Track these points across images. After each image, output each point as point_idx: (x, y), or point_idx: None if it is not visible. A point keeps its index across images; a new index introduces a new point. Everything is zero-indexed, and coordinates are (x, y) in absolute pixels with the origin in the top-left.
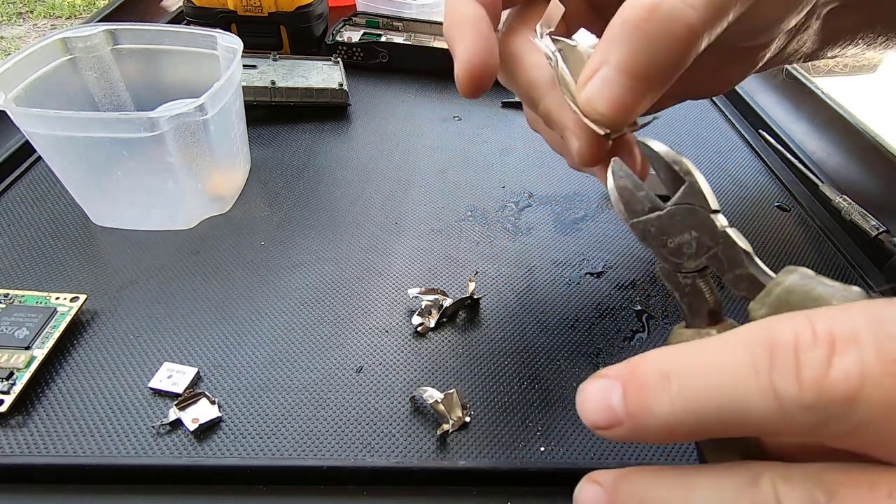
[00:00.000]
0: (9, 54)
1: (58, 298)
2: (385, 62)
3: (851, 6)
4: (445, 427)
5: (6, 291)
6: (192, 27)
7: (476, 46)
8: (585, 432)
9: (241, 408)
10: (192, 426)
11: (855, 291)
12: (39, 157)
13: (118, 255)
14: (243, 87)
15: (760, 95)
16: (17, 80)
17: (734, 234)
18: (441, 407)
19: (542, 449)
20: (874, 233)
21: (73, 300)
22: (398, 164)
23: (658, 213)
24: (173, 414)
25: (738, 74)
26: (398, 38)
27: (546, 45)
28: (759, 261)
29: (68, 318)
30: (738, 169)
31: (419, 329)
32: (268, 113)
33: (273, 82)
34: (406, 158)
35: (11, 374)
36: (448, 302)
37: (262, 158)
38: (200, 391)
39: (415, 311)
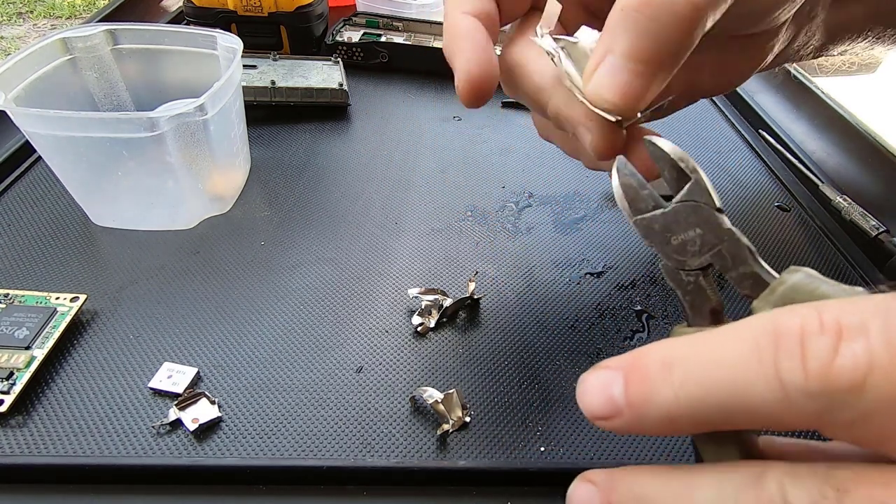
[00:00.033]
0: (9, 54)
1: (58, 298)
2: (385, 62)
3: None
4: (445, 427)
5: (6, 291)
6: (192, 27)
7: (475, 57)
8: (585, 432)
9: (241, 408)
10: (192, 426)
11: (860, 292)
12: (39, 158)
13: (118, 255)
14: (243, 87)
15: (760, 95)
16: (17, 80)
17: (738, 233)
18: (441, 407)
19: (542, 449)
20: (874, 233)
21: (73, 300)
22: (398, 164)
23: (663, 210)
24: (173, 414)
25: (747, 68)
26: (398, 38)
27: (548, 43)
28: (761, 260)
29: (68, 318)
30: (738, 169)
31: (419, 329)
32: (268, 113)
33: (273, 82)
34: (406, 158)
35: (11, 374)
36: (448, 302)
37: (262, 158)
38: (200, 391)
39: (415, 311)
